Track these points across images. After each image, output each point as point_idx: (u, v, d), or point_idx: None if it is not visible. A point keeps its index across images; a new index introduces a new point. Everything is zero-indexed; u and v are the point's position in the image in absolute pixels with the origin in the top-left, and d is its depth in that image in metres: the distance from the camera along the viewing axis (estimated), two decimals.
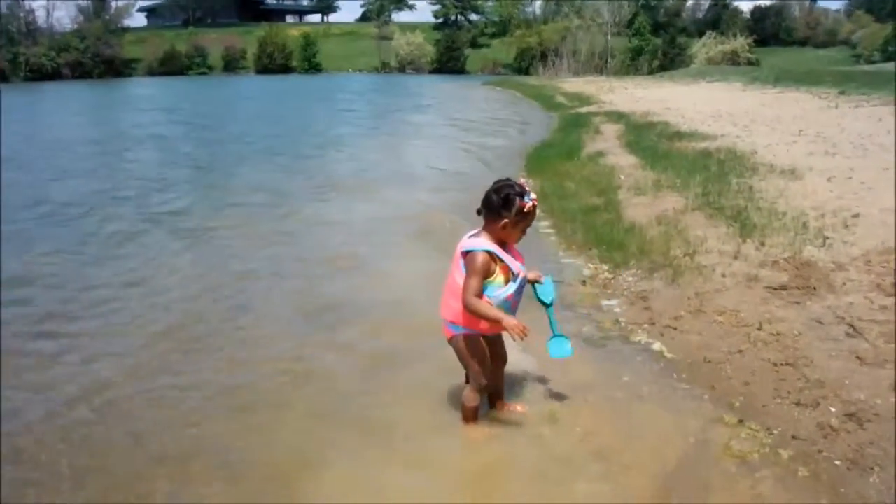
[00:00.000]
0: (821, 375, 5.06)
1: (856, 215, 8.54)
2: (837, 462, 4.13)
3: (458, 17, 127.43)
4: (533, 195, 4.31)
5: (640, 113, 24.42)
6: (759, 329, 5.83)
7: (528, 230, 4.43)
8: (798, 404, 4.75)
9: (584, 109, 29.43)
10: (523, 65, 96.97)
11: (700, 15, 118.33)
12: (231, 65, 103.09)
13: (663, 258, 7.65)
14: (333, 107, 39.03)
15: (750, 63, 79.36)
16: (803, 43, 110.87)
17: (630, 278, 7.38)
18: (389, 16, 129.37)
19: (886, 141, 14.39)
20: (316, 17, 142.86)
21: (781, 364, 5.28)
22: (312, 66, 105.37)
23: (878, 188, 9.93)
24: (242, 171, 15.88)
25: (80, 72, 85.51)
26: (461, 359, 4.57)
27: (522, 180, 4.45)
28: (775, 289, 6.54)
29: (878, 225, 8.05)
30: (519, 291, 4.41)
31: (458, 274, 4.34)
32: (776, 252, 7.44)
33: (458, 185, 13.68)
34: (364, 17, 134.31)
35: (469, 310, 4.24)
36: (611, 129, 20.23)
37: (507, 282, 4.33)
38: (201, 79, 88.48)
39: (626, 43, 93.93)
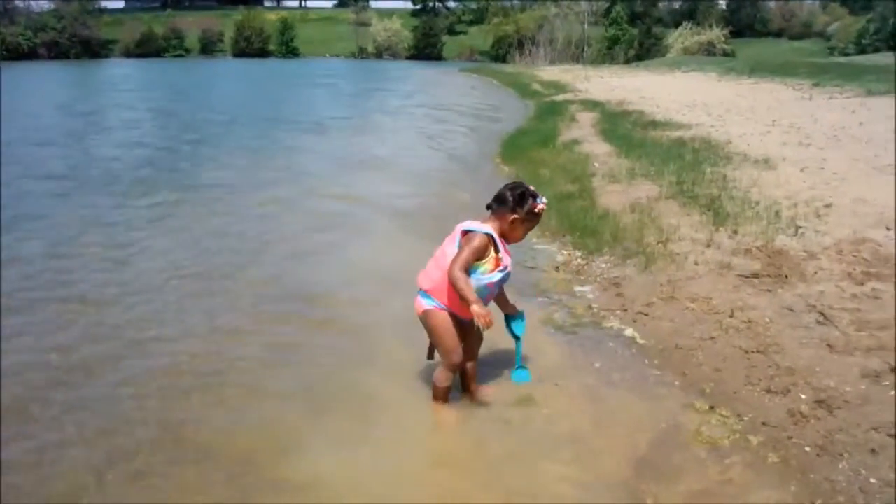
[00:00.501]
0: (791, 363, 5.09)
1: (828, 205, 8.59)
2: (807, 448, 4.14)
3: (436, 4, 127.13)
4: (545, 199, 4.52)
5: (616, 102, 24.47)
6: (731, 316, 5.85)
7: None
8: (768, 391, 4.77)
9: (559, 97, 29.44)
10: (500, 52, 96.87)
11: (676, 5, 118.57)
12: (208, 48, 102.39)
13: (636, 245, 7.66)
14: (324, 91, 39.05)
15: (725, 54, 79.74)
16: (778, 34, 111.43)
17: (603, 265, 7.40)
18: (367, 1, 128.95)
19: (859, 132, 14.52)
20: (294, 2, 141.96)
21: (752, 351, 5.31)
22: (290, 51, 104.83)
23: (851, 179, 10.01)
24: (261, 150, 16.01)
25: (57, 52, 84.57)
26: (433, 335, 4.60)
27: (532, 188, 4.56)
28: (747, 277, 6.57)
29: (850, 215, 8.10)
30: (500, 283, 4.52)
31: (451, 249, 4.44)
32: (749, 240, 7.46)
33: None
34: (342, 3, 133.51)
35: (451, 278, 4.29)
36: (586, 118, 20.24)
37: (493, 271, 4.41)
38: (179, 61, 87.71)
39: (603, 32, 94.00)
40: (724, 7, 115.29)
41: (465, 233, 4.44)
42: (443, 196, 11.20)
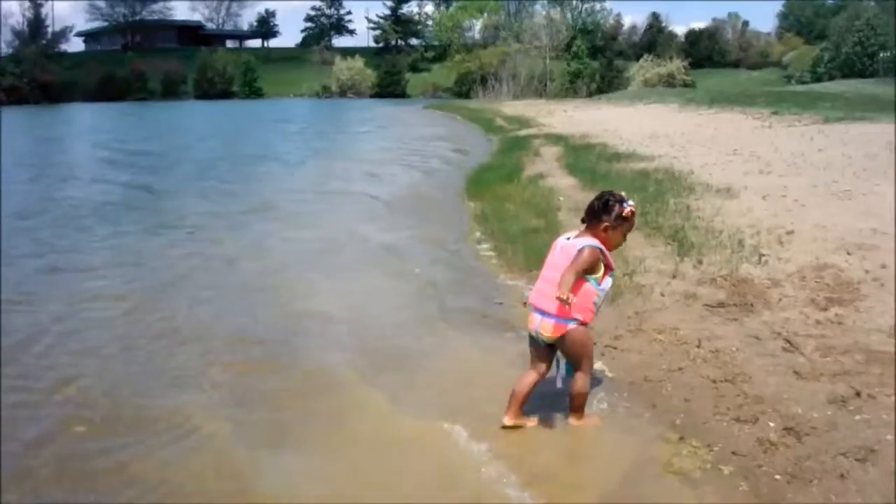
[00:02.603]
0: (759, 391, 5.13)
1: (790, 232, 8.70)
2: (777, 476, 4.16)
3: (399, 41, 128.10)
4: (631, 202, 4.87)
5: (579, 135, 24.65)
6: (699, 346, 5.88)
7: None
8: (737, 420, 4.79)
9: (523, 132, 29.62)
10: (463, 88, 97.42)
11: (636, 38, 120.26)
12: (170, 90, 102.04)
13: None
14: (300, 131, 39.18)
15: (685, 85, 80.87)
16: (736, 64, 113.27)
17: None
18: (330, 41, 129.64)
19: (817, 159, 14.77)
20: (256, 42, 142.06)
21: (720, 381, 5.34)
22: (253, 92, 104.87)
23: (811, 205, 10.16)
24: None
25: (17, 97, 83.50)
26: (578, 350, 4.82)
27: (623, 193, 4.96)
28: (713, 306, 6.63)
29: (811, 241, 8.21)
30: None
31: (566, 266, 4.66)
32: (713, 270, 7.53)
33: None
34: (304, 43, 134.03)
35: (563, 278, 4.52)
36: (550, 152, 20.38)
37: (604, 277, 4.82)
38: (141, 105, 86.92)
39: (565, 66, 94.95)
40: (683, 39, 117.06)
41: (580, 250, 4.65)
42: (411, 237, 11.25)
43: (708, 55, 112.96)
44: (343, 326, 7.02)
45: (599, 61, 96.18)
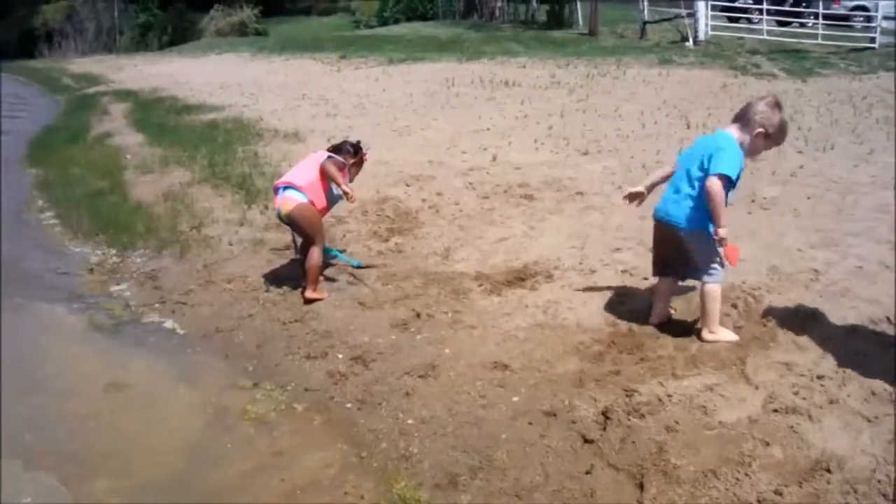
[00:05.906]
0: (327, 326, 5.33)
1: None
2: (348, 405, 4.34)
3: None
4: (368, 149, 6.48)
5: (150, 89, 23.64)
6: (268, 291, 5.96)
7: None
8: (308, 357, 4.94)
9: (91, 90, 27.89)
10: (28, 48, 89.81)
11: None
12: None
13: (171, 234, 7.50)
14: None
15: (258, 33, 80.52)
16: (308, 11, 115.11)
17: (139, 259, 7.13)
18: None
19: (381, 98, 15.48)
20: None
21: (290, 321, 5.47)
22: None
23: (374, 143, 10.56)
24: None
25: None
26: (307, 224, 5.75)
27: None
28: (280, 249, 6.73)
29: (372, 177, 8.55)
30: None
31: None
32: None
33: None
34: None
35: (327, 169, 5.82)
36: (118, 109, 19.35)
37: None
38: None
39: (135, 19, 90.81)
40: None
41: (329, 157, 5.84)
42: None
43: (280, 3, 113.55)
44: None
45: (170, 12, 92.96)
